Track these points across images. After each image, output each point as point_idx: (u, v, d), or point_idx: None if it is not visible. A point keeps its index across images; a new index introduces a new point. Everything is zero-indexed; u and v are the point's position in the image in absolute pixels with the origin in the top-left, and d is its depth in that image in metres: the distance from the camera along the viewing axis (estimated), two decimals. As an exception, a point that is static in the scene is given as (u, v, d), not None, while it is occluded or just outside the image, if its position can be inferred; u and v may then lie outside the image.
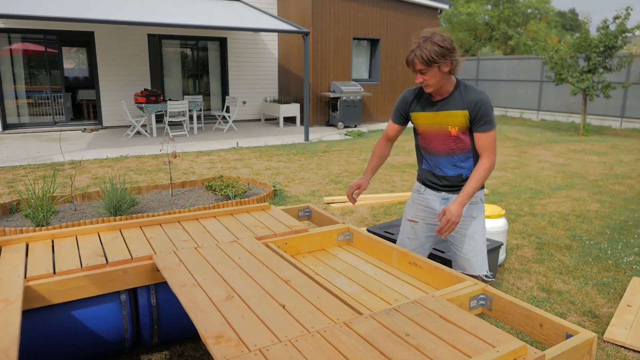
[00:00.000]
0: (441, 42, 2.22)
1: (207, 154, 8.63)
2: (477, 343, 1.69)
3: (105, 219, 4.41)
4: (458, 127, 2.41)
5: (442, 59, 2.24)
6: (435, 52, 2.22)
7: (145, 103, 10.23)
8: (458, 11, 30.60)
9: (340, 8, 12.53)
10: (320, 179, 6.84)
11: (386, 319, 1.86)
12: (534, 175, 7.33)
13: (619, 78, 13.53)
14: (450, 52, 2.25)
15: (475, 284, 2.27)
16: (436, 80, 2.32)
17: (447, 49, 2.23)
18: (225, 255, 2.51)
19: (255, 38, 13.32)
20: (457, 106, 2.38)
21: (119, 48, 11.60)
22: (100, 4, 9.44)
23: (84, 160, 7.83)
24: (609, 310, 3.25)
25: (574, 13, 43.73)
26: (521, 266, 3.98)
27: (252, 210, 3.37)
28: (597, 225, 5.05)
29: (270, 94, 13.85)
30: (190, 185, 5.97)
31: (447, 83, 2.37)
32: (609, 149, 9.96)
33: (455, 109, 2.39)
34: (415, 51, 2.26)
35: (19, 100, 11.13)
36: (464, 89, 2.38)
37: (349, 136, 11.19)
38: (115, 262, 2.41)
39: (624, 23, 10.80)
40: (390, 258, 2.73)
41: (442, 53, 2.23)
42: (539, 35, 12.12)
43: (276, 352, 1.63)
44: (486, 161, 2.38)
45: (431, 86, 2.35)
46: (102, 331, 2.37)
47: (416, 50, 2.26)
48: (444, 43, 2.23)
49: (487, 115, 2.33)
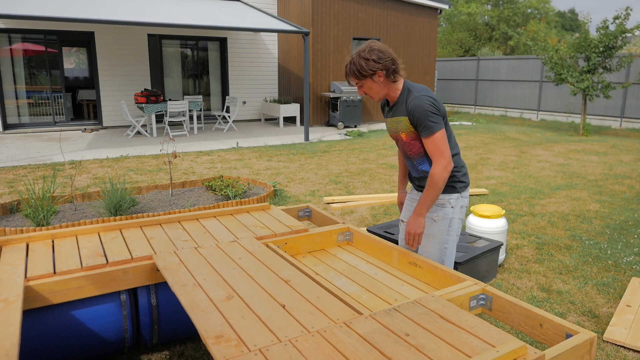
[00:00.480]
0: (367, 55, 2.27)
1: (207, 154, 8.63)
2: (477, 343, 1.70)
3: (105, 219, 4.41)
4: (405, 132, 2.41)
5: (370, 70, 2.28)
6: (361, 66, 2.27)
7: (146, 103, 10.24)
8: (458, 11, 30.60)
9: (340, 8, 12.53)
10: (320, 179, 6.84)
11: (386, 319, 1.86)
12: (533, 175, 7.33)
13: (619, 78, 13.53)
14: (377, 62, 2.27)
15: (475, 284, 2.27)
16: (375, 90, 2.36)
17: (373, 60, 2.26)
18: (225, 255, 2.51)
19: (255, 38, 13.32)
20: (401, 112, 2.39)
21: (119, 48, 11.61)
22: (100, 4, 9.44)
23: (84, 160, 7.83)
24: (608, 310, 3.25)
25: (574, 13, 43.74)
26: (521, 266, 3.98)
27: (252, 210, 3.37)
28: (597, 225, 5.05)
29: (270, 94, 13.85)
30: (190, 185, 5.97)
31: (391, 90, 2.38)
32: (608, 149, 9.96)
33: (399, 115, 2.40)
34: (346, 67, 2.34)
35: (19, 100, 11.13)
36: (407, 94, 2.36)
37: (349, 136, 11.19)
38: (115, 262, 2.41)
39: (623, 23, 10.81)
40: (390, 258, 2.73)
41: (369, 66, 2.26)
42: (538, 35, 12.12)
43: (276, 352, 1.63)
44: (435, 167, 2.32)
45: (374, 96, 2.39)
46: (102, 331, 2.37)
47: (347, 65, 2.33)
48: (369, 55, 2.27)
49: (422, 121, 2.28)
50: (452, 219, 2.46)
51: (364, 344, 1.68)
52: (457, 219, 2.48)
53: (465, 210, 2.53)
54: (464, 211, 2.52)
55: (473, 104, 18.18)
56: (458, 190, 2.46)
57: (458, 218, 2.49)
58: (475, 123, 14.52)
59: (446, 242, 2.49)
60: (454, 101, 18.90)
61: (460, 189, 2.47)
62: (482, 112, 17.89)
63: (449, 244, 2.50)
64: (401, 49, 13.90)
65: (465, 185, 2.50)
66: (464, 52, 30.02)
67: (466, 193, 2.52)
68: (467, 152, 9.27)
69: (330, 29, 12.49)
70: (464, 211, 2.52)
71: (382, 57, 2.28)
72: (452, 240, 2.51)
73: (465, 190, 2.50)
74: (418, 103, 2.28)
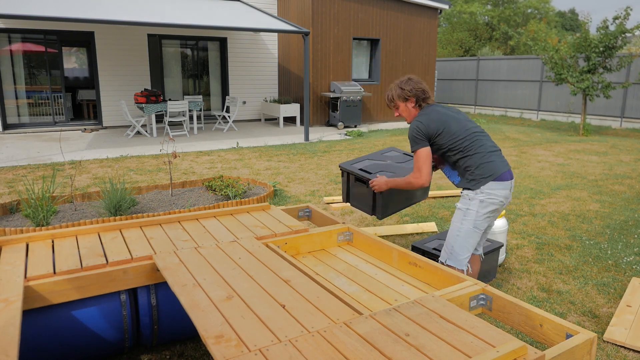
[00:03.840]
0: (403, 85, 2.92)
1: (207, 154, 8.63)
2: (477, 343, 1.69)
3: (105, 219, 4.41)
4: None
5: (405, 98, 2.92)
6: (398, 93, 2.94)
7: (145, 103, 10.23)
8: (458, 11, 30.59)
9: (340, 8, 12.53)
10: (320, 179, 6.84)
11: (386, 319, 1.86)
12: (534, 175, 7.33)
13: (619, 78, 13.53)
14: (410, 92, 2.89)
15: (475, 284, 2.27)
16: (406, 114, 2.97)
17: (408, 89, 2.89)
18: (225, 255, 2.51)
19: (255, 38, 13.32)
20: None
21: (119, 48, 11.60)
22: (100, 4, 9.44)
23: (84, 160, 7.83)
24: (608, 310, 3.25)
25: (574, 13, 43.70)
26: (521, 266, 3.98)
27: (252, 210, 3.37)
28: (597, 225, 5.05)
29: (270, 94, 13.85)
30: (190, 185, 5.97)
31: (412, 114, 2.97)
32: (608, 149, 9.96)
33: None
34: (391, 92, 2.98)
35: (19, 100, 11.13)
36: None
37: (349, 136, 11.19)
38: (115, 262, 2.41)
39: (623, 23, 10.80)
40: (390, 258, 2.73)
41: (404, 93, 2.91)
42: (539, 35, 12.10)
43: (276, 352, 1.63)
44: (412, 175, 2.85)
45: (407, 118, 2.99)
46: (102, 331, 2.37)
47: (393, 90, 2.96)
48: (405, 85, 2.91)
49: (410, 138, 2.81)
50: (467, 210, 2.78)
51: (364, 344, 1.68)
52: (473, 211, 2.76)
53: (490, 205, 2.76)
54: (487, 206, 2.75)
55: (473, 104, 18.18)
56: (472, 188, 2.76)
57: (476, 210, 2.76)
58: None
59: (459, 229, 2.82)
60: (454, 101, 18.89)
61: (475, 186, 2.75)
62: (482, 112, 17.88)
63: (461, 231, 2.81)
64: (401, 49, 13.89)
65: (478, 182, 2.74)
66: (464, 52, 30.01)
67: (489, 190, 2.73)
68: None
69: (330, 29, 12.48)
70: (487, 206, 2.75)
71: (414, 87, 2.88)
72: (465, 229, 2.80)
73: (486, 186, 2.73)
74: (413, 124, 2.82)
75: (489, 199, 2.73)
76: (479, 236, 2.84)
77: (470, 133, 2.78)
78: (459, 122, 2.81)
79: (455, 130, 2.77)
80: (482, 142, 2.78)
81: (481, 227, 2.81)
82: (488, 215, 2.78)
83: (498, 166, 2.75)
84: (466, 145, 2.75)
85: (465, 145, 2.75)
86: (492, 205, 2.75)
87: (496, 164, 2.76)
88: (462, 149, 2.75)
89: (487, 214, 2.77)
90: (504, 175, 2.75)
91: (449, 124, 2.77)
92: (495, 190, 2.73)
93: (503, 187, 2.75)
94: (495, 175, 2.72)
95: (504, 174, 2.75)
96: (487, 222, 2.82)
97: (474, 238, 2.81)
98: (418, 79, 2.90)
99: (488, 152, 2.77)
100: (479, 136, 2.80)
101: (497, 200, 2.75)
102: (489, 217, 2.81)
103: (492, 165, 2.74)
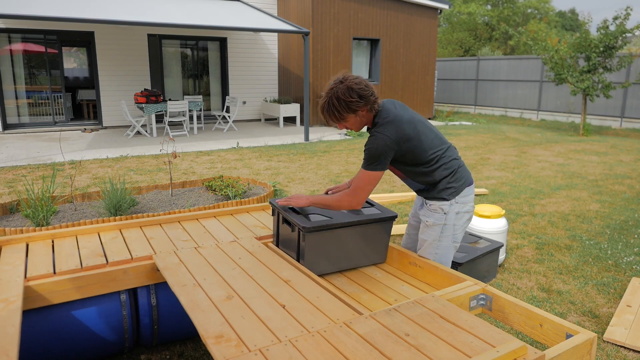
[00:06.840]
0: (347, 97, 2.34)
1: (207, 154, 8.63)
2: (477, 343, 1.69)
3: (105, 219, 4.40)
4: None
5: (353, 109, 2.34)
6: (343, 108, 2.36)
7: (145, 103, 10.23)
8: (458, 11, 30.59)
9: (340, 8, 12.53)
10: (320, 179, 6.84)
11: (386, 319, 1.86)
12: (533, 175, 7.33)
13: (619, 78, 13.53)
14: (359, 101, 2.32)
15: (475, 284, 2.27)
16: (358, 124, 2.42)
17: (356, 100, 2.32)
18: (225, 255, 2.51)
19: (255, 38, 13.32)
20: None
21: (119, 48, 11.60)
22: (100, 4, 9.44)
23: (84, 160, 7.83)
24: (608, 310, 3.25)
25: (574, 13, 43.70)
26: (521, 266, 3.98)
27: (252, 210, 3.37)
28: (597, 225, 5.05)
29: (270, 94, 13.85)
30: (190, 185, 5.97)
31: (370, 119, 2.41)
32: (608, 149, 9.96)
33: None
34: (323, 108, 2.43)
35: (19, 100, 11.13)
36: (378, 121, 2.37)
37: (349, 136, 11.19)
38: (115, 262, 2.41)
39: (623, 23, 10.81)
40: (390, 258, 2.73)
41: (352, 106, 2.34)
42: (539, 35, 12.10)
43: (276, 352, 1.62)
44: (346, 195, 2.35)
45: (356, 129, 2.46)
46: (102, 331, 2.37)
47: (324, 106, 2.42)
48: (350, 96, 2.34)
49: (370, 155, 2.29)
50: (444, 225, 2.44)
51: (364, 344, 1.68)
52: (450, 225, 2.44)
53: (465, 215, 2.47)
54: (462, 217, 2.46)
55: (473, 104, 18.18)
56: (447, 198, 2.42)
57: (453, 224, 2.44)
58: (475, 123, 14.53)
59: (437, 247, 2.49)
60: (454, 101, 18.90)
61: (451, 196, 2.42)
62: (482, 112, 17.88)
63: (440, 249, 2.49)
64: (401, 49, 13.89)
65: (456, 190, 2.42)
66: (464, 52, 30.01)
67: (463, 197, 2.45)
68: (467, 152, 9.27)
69: (330, 29, 12.48)
70: (462, 217, 2.46)
71: (363, 94, 2.31)
72: (444, 246, 2.48)
73: (460, 195, 2.43)
74: (373, 141, 2.29)
75: (463, 210, 2.47)
76: (455, 250, 2.56)
77: (441, 140, 2.44)
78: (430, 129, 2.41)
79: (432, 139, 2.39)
80: (451, 148, 2.49)
81: (459, 240, 2.53)
82: (464, 225, 2.52)
83: (467, 171, 2.54)
84: (441, 154, 2.40)
85: (439, 154, 2.40)
86: (467, 214, 2.49)
87: (465, 169, 2.52)
88: (437, 159, 2.39)
89: (464, 224, 2.51)
90: (471, 179, 2.55)
91: (420, 135, 2.34)
92: (469, 196, 2.48)
93: (472, 192, 2.52)
94: (467, 180, 2.48)
95: (471, 178, 2.55)
96: (462, 234, 2.54)
97: (452, 253, 2.54)
98: (354, 76, 2.38)
99: (455, 157, 2.48)
100: (446, 141, 2.50)
101: (470, 208, 2.51)
102: (464, 228, 2.54)
103: (463, 170, 2.49)
